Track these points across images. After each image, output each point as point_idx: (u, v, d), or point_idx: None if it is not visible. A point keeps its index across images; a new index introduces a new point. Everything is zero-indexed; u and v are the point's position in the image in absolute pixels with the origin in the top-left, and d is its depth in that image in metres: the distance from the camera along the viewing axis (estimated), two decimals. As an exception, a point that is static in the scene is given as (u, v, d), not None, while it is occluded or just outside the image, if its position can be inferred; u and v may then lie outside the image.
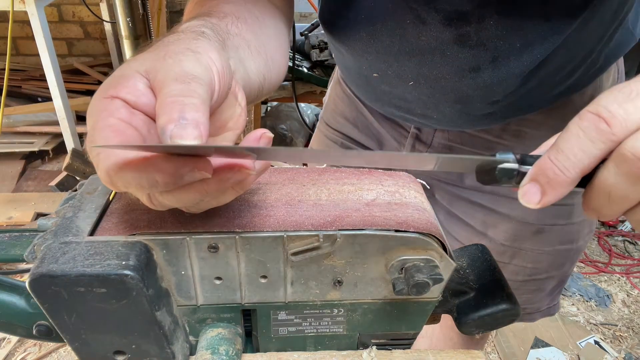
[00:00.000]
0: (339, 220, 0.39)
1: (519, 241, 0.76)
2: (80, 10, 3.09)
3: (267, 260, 0.38)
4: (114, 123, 0.31)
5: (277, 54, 0.56)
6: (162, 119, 0.30)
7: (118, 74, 0.34)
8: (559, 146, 0.29)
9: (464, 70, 0.60)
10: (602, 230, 2.41)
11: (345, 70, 0.79)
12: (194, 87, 0.32)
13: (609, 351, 1.73)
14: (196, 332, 0.42)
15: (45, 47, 2.05)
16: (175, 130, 0.29)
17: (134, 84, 0.33)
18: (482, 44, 0.57)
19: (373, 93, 0.74)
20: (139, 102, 0.33)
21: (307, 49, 2.46)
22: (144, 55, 0.36)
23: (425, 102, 0.67)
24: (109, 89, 0.33)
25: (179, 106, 0.31)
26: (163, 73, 0.33)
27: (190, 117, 0.30)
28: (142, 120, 0.33)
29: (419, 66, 0.62)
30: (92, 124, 0.32)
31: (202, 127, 0.30)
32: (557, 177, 0.29)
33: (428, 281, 0.37)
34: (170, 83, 0.32)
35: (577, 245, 0.78)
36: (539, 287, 0.82)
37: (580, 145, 0.28)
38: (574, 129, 0.29)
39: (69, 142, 2.35)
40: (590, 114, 0.28)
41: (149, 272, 0.35)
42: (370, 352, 0.45)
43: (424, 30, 0.58)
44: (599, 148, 0.28)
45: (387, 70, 0.65)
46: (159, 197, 0.33)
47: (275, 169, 0.47)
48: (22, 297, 0.41)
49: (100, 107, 0.32)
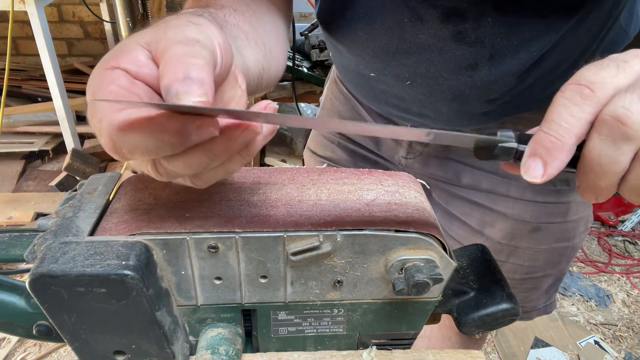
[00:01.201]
0: (339, 220, 0.39)
1: (516, 239, 0.76)
2: (80, 10, 3.09)
3: (267, 260, 0.38)
4: (115, 90, 0.31)
5: (276, 49, 0.56)
6: (166, 78, 0.30)
7: (118, 47, 0.34)
8: (549, 117, 0.30)
9: (461, 67, 0.60)
10: (602, 230, 2.41)
11: (343, 69, 0.79)
12: (197, 49, 0.31)
13: (609, 351, 1.73)
14: (196, 332, 0.42)
15: (45, 47, 2.05)
16: (180, 87, 0.29)
17: (135, 55, 0.32)
18: (480, 41, 0.57)
19: (370, 92, 0.74)
20: (140, 72, 0.32)
21: (307, 49, 2.46)
22: (144, 31, 0.35)
23: (422, 101, 0.67)
24: (109, 61, 0.32)
25: (183, 65, 0.30)
26: (165, 41, 0.32)
27: (195, 76, 0.29)
28: (143, 89, 0.32)
29: (416, 64, 0.62)
30: (92, 93, 0.32)
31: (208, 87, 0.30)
32: (554, 145, 0.30)
33: (428, 281, 0.37)
34: (173, 46, 0.31)
35: (573, 243, 0.79)
36: (535, 286, 0.82)
37: (569, 111, 0.29)
38: (559, 100, 0.30)
39: (69, 142, 2.35)
40: (571, 85, 0.30)
41: (149, 272, 0.35)
42: (370, 352, 0.45)
43: (421, 27, 0.58)
44: (587, 111, 0.29)
45: (384, 70, 0.66)
46: (165, 164, 0.32)
47: (275, 169, 0.47)
48: (22, 297, 0.41)
49: (100, 77, 0.32)
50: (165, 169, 0.32)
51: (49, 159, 2.59)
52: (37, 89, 2.75)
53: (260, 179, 0.45)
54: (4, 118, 2.25)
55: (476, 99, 0.63)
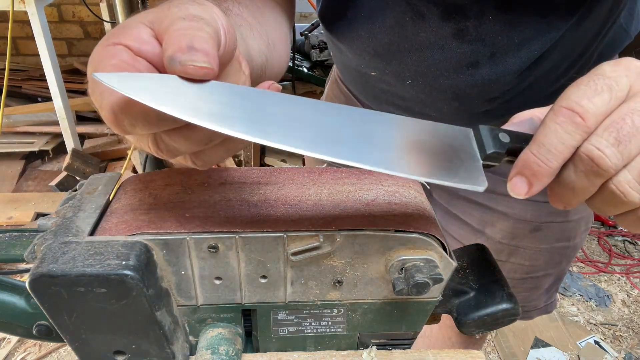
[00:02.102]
0: (339, 220, 0.39)
1: (517, 239, 0.76)
2: (80, 10, 3.09)
3: (267, 260, 0.38)
4: (117, 63, 0.31)
5: (279, 44, 0.56)
6: (169, 49, 0.30)
7: (121, 25, 0.34)
8: (539, 140, 0.31)
9: (462, 66, 0.60)
10: (602, 230, 2.41)
11: (344, 68, 0.79)
12: (201, 24, 0.31)
13: (609, 351, 1.73)
14: (196, 332, 0.42)
15: (45, 47, 2.06)
16: (184, 56, 0.29)
17: (137, 33, 0.32)
18: (481, 39, 0.57)
19: (371, 91, 0.74)
20: (142, 48, 0.32)
21: (307, 49, 2.46)
22: (148, 10, 0.35)
23: (423, 100, 0.67)
24: (111, 37, 0.32)
25: (187, 38, 0.30)
26: (169, 18, 0.32)
27: (200, 47, 0.29)
28: (144, 66, 0.32)
29: (417, 63, 0.62)
30: (94, 67, 0.32)
31: (212, 57, 0.30)
32: (541, 169, 0.31)
33: (428, 281, 0.37)
34: (177, 21, 0.31)
35: (573, 242, 0.79)
36: (536, 285, 0.82)
37: (559, 138, 0.31)
38: (551, 124, 0.31)
39: (69, 142, 2.35)
40: (564, 109, 0.31)
41: (149, 272, 0.35)
42: (370, 352, 0.45)
43: (422, 25, 0.58)
44: (576, 139, 0.31)
45: (385, 69, 0.66)
46: (166, 138, 0.32)
47: (275, 169, 0.47)
48: (22, 297, 0.41)
49: (102, 52, 0.32)
50: (166, 145, 0.32)
51: (49, 159, 2.59)
52: (37, 89, 2.75)
53: (260, 179, 0.45)
54: (4, 118, 2.25)
55: (477, 98, 0.63)
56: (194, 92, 0.30)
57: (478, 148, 0.33)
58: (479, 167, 0.33)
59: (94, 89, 0.31)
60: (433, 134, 0.34)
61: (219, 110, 0.30)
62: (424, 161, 0.32)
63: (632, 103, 0.31)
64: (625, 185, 0.31)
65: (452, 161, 0.33)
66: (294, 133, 0.30)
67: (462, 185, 0.32)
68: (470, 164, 0.33)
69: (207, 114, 0.29)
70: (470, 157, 0.33)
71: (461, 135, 0.35)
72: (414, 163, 0.32)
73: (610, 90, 0.31)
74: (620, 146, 0.30)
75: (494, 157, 0.33)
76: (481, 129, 0.34)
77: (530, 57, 0.57)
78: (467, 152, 0.33)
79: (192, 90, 0.30)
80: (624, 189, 0.31)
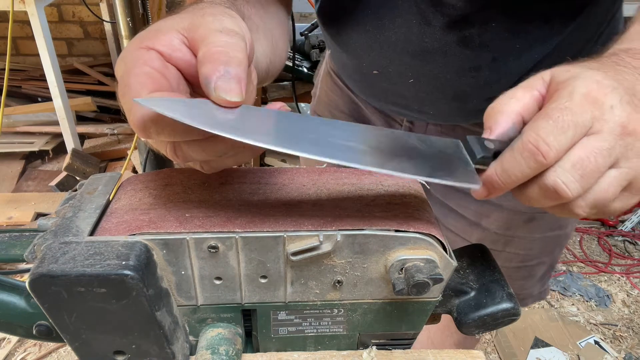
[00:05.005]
0: (339, 220, 0.39)
1: (512, 229, 0.77)
2: (80, 10, 3.09)
3: (267, 260, 0.38)
4: (149, 71, 0.33)
5: (280, 41, 0.57)
6: (206, 67, 0.32)
7: (154, 28, 0.36)
8: (504, 166, 0.36)
9: (465, 70, 0.61)
10: (602, 230, 2.41)
11: (342, 66, 0.79)
12: (237, 40, 0.34)
13: (609, 351, 1.73)
14: (196, 332, 0.42)
15: (45, 47, 2.06)
16: (219, 82, 0.31)
17: (170, 39, 0.35)
18: (485, 45, 0.57)
19: (370, 89, 0.74)
20: (173, 56, 0.35)
21: (307, 49, 2.46)
22: (181, 15, 0.37)
23: (423, 99, 0.68)
24: (145, 40, 0.34)
25: (224, 57, 0.32)
26: (205, 27, 0.34)
27: (234, 72, 0.32)
28: (173, 74, 0.35)
29: (421, 65, 0.62)
30: (126, 69, 0.34)
31: (243, 84, 0.32)
32: (499, 187, 0.37)
33: (428, 281, 0.37)
34: (215, 34, 0.33)
35: (566, 231, 0.81)
36: (530, 273, 0.84)
37: (521, 170, 0.35)
38: (517, 155, 0.35)
39: (69, 142, 2.36)
40: (531, 146, 0.34)
41: (149, 272, 0.35)
42: (370, 352, 0.45)
43: (428, 31, 0.58)
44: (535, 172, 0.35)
45: (388, 68, 0.66)
46: (185, 147, 0.34)
47: (275, 169, 0.47)
48: (22, 297, 0.41)
49: (136, 55, 0.34)
50: (184, 153, 0.35)
51: (49, 159, 2.59)
52: (37, 89, 2.75)
53: (260, 179, 0.45)
54: (4, 118, 2.25)
55: (476, 97, 0.64)
56: (223, 113, 0.32)
57: (468, 154, 0.38)
58: (472, 170, 0.37)
59: (125, 92, 0.33)
60: (427, 143, 0.38)
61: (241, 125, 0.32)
62: (423, 164, 0.36)
63: (595, 142, 0.34)
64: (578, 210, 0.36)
65: (447, 165, 0.37)
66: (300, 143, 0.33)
67: (460, 184, 0.36)
68: (464, 167, 0.37)
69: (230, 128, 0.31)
70: (463, 162, 0.37)
71: (452, 145, 0.39)
72: (414, 166, 0.35)
73: (575, 128, 0.34)
74: (583, 181, 0.34)
75: (482, 161, 0.37)
76: (469, 139, 0.38)
77: (532, 60, 0.58)
78: (459, 158, 0.38)
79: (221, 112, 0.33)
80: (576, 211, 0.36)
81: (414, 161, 0.36)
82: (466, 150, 0.38)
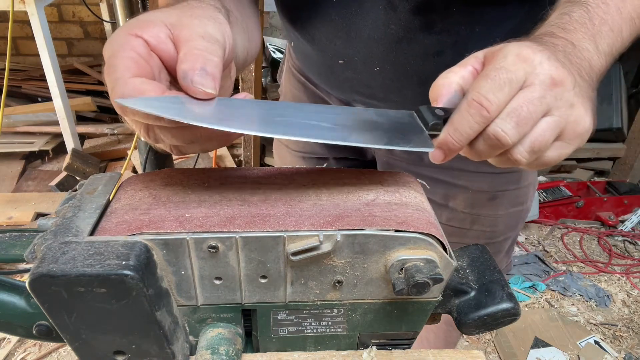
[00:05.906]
0: (339, 220, 0.39)
1: (477, 208, 0.82)
2: (80, 10, 3.09)
3: (267, 260, 0.38)
4: (135, 56, 0.36)
5: (255, 31, 0.60)
6: (185, 64, 0.36)
7: (144, 18, 0.39)
8: (455, 125, 0.40)
9: (428, 54, 0.64)
10: (602, 230, 2.41)
11: (305, 58, 0.81)
12: (215, 48, 0.38)
13: (609, 351, 1.73)
14: (196, 332, 0.42)
15: (45, 47, 2.06)
16: (196, 77, 0.36)
17: (157, 31, 0.38)
18: (446, 30, 0.61)
19: (335, 80, 0.77)
20: (158, 47, 0.38)
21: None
22: (170, 11, 0.40)
23: (388, 86, 0.70)
24: (134, 28, 0.38)
25: (202, 59, 0.36)
26: (190, 30, 0.38)
27: (210, 70, 0.36)
28: (157, 62, 0.38)
29: (386, 52, 0.65)
30: (113, 51, 0.37)
31: (217, 82, 0.36)
32: (454, 146, 0.40)
33: (428, 281, 0.37)
34: (197, 38, 0.37)
35: (526, 205, 0.87)
36: (498, 250, 0.89)
37: (470, 126, 0.39)
38: (465, 114, 0.39)
39: (69, 142, 2.36)
40: (475, 103, 0.38)
41: (149, 272, 0.35)
42: (370, 352, 0.45)
43: (394, 17, 0.61)
44: (482, 126, 0.39)
45: (354, 57, 0.68)
46: (157, 131, 0.38)
47: (275, 169, 0.47)
48: (22, 297, 0.41)
49: (125, 40, 0.37)
50: (155, 135, 0.39)
51: (49, 159, 2.59)
52: (37, 89, 2.75)
53: (260, 179, 0.45)
54: (4, 118, 2.25)
55: None
56: (198, 106, 0.37)
57: (422, 123, 0.42)
58: (426, 136, 0.41)
59: (110, 72, 0.36)
60: (385, 116, 0.43)
61: (210, 114, 0.36)
62: (382, 135, 0.40)
63: (528, 93, 0.39)
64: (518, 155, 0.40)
65: (403, 133, 0.41)
66: (269, 125, 0.37)
67: (416, 148, 0.40)
68: (418, 134, 0.41)
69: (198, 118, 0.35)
70: (418, 129, 0.41)
71: (407, 115, 0.43)
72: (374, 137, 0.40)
73: (510, 84, 0.38)
74: (519, 128, 0.38)
75: (435, 127, 0.41)
76: (421, 109, 0.42)
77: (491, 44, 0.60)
78: (413, 126, 0.42)
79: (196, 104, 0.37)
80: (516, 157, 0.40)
81: (374, 132, 0.40)
82: (420, 119, 0.42)
